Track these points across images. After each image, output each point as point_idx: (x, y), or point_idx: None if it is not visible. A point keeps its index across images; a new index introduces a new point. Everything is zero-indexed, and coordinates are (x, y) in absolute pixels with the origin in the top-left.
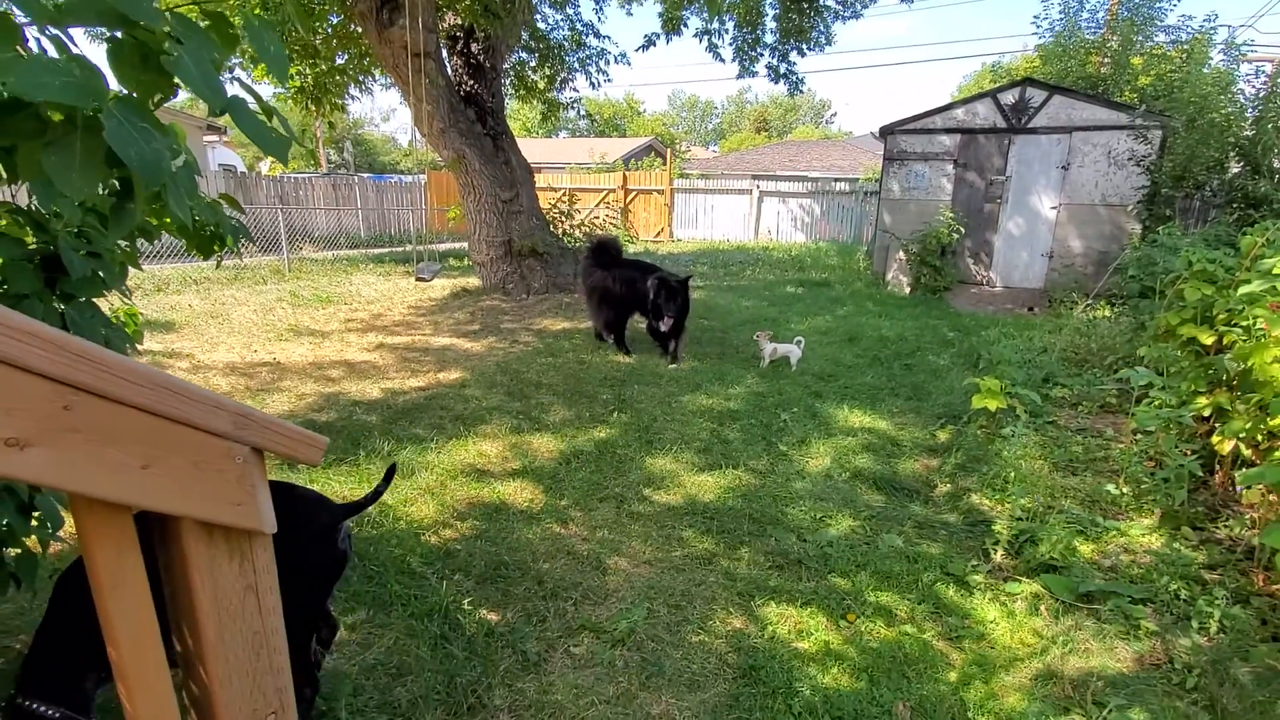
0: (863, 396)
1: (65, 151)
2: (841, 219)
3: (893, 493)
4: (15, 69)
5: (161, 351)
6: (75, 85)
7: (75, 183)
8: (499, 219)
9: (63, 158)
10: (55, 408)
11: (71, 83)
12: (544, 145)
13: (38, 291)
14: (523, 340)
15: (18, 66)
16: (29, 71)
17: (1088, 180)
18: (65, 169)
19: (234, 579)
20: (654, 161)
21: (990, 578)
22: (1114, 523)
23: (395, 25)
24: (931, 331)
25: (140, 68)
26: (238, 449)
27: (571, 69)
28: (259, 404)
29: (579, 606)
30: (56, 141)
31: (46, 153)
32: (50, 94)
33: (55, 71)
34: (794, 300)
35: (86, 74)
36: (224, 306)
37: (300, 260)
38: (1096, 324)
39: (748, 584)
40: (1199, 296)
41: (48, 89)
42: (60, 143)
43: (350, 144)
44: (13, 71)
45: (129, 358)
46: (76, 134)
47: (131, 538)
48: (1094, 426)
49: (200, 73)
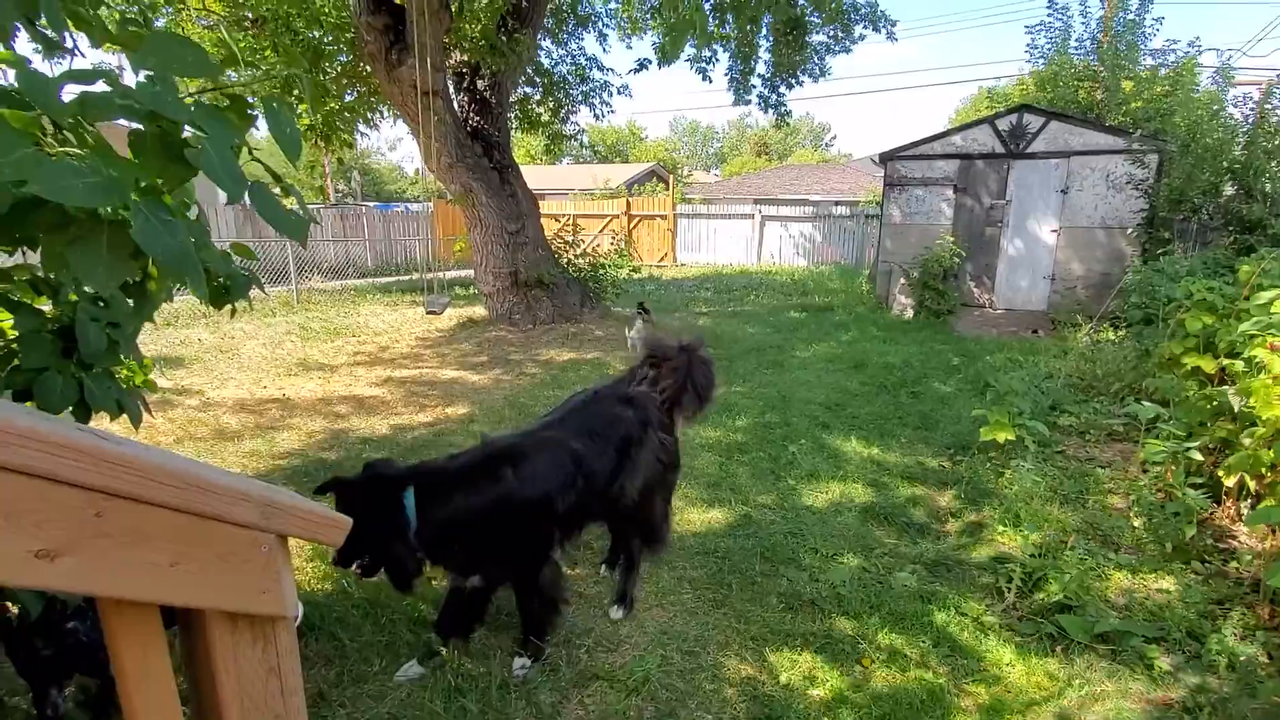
0: (870, 427)
1: (91, 248)
2: (843, 242)
3: (904, 528)
4: (38, 171)
5: (172, 389)
6: (101, 186)
7: (102, 277)
8: (505, 250)
9: (89, 253)
10: (87, 515)
11: (97, 184)
12: (548, 172)
13: (56, 364)
14: (529, 372)
15: (40, 169)
16: (53, 175)
17: (1087, 204)
18: (92, 264)
19: (257, 664)
20: (657, 187)
21: (1004, 617)
22: (1126, 557)
23: (404, 65)
24: (936, 357)
25: (163, 158)
26: (264, 538)
27: (575, 101)
28: (268, 443)
29: (592, 654)
30: (82, 239)
31: (72, 249)
32: (75, 198)
33: (78, 173)
34: (798, 326)
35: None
36: (233, 341)
37: (309, 291)
38: (1101, 349)
39: (761, 627)
40: (1200, 326)
41: (72, 192)
42: (86, 240)
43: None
44: (34, 174)
45: (159, 454)
46: (103, 231)
47: (158, 632)
48: (1102, 456)
49: (222, 163)
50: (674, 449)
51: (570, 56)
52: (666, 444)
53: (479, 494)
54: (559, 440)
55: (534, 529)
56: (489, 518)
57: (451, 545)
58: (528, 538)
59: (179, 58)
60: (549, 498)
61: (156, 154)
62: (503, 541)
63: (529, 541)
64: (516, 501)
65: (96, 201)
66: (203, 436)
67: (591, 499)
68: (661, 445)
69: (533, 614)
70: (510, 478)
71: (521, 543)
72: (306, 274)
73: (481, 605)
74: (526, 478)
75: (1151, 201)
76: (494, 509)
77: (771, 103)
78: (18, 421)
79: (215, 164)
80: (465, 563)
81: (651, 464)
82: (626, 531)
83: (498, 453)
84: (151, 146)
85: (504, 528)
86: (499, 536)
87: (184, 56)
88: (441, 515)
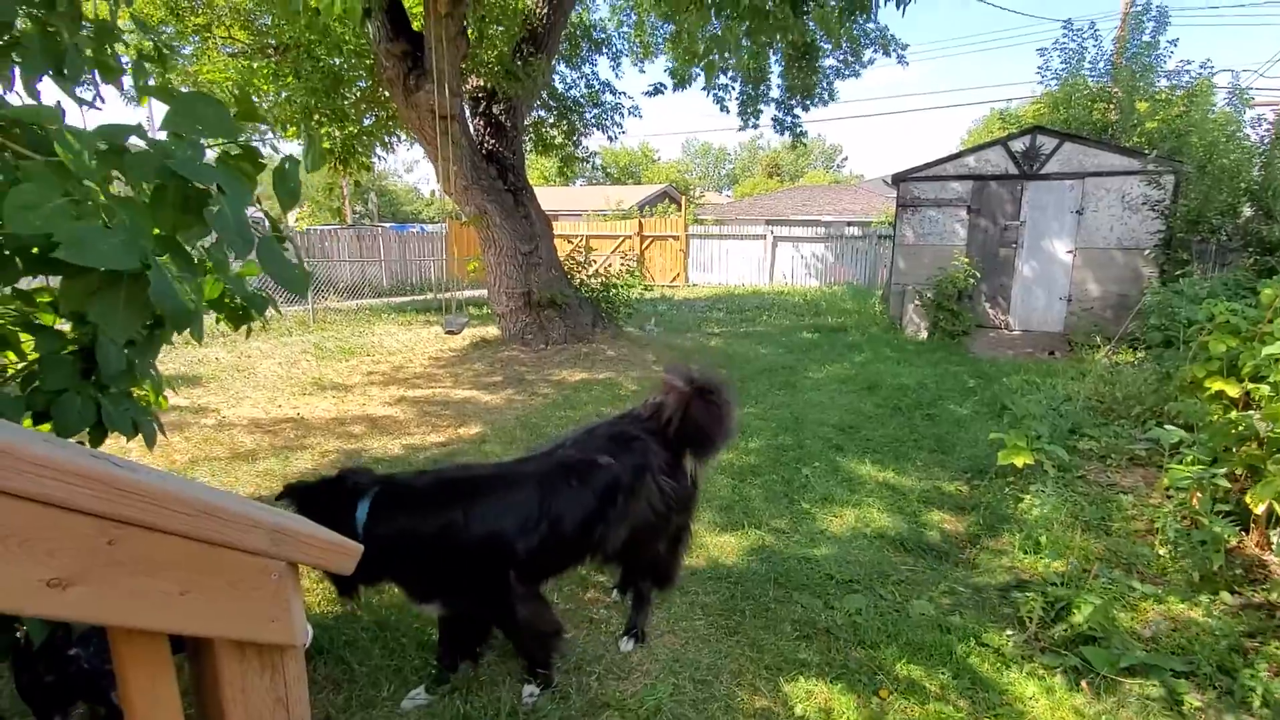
0: (885, 450)
1: (111, 300)
2: (855, 263)
3: (920, 554)
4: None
5: (188, 407)
6: (127, 247)
7: (120, 326)
8: (519, 271)
9: (109, 305)
10: (99, 544)
11: (124, 244)
12: (561, 193)
13: (75, 385)
14: (541, 392)
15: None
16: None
17: (1103, 224)
18: (111, 314)
19: (265, 693)
20: (669, 208)
21: (1026, 648)
22: (1151, 588)
23: (422, 90)
24: (952, 379)
25: (181, 212)
26: (274, 565)
27: (589, 124)
28: (283, 462)
29: (602, 681)
30: (103, 292)
31: (91, 300)
32: (104, 261)
33: (105, 236)
34: (811, 347)
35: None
36: (250, 360)
37: (325, 310)
38: (1121, 371)
39: (775, 656)
40: (1224, 349)
41: (101, 256)
42: (106, 294)
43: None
44: (63, 233)
45: (171, 481)
46: (122, 286)
47: (166, 661)
48: (1124, 482)
49: (236, 223)
50: (679, 493)
51: (585, 80)
52: (667, 489)
53: (425, 519)
54: (530, 478)
55: (483, 566)
56: (432, 546)
57: (394, 565)
58: (477, 574)
59: (203, 117)
60: (500, 538)
61: (176, 208)
62: (450, 572)
63: (480, 578)
64: (462, 536)
65: (121, 264)
66: (218, 456)
67: (561, 545)
68: (660, 492)
69: (521, 648)
70: (458, 511)
71: (472, 578)
72: (323, 294)
73: (476, 632)
74: (477, 513)
75: (1169, 223)
76: (437, 538)
77: (786, 124)
78: (33, 449)
79: (229, 224)
80: (417, 587)
81: (644, 513)
82: (633, 569)
83: (455, 481)
84: (172, 200)
85: (449, 559)
86: (445, 567)
87: (207, 116)
88: (383, 531)
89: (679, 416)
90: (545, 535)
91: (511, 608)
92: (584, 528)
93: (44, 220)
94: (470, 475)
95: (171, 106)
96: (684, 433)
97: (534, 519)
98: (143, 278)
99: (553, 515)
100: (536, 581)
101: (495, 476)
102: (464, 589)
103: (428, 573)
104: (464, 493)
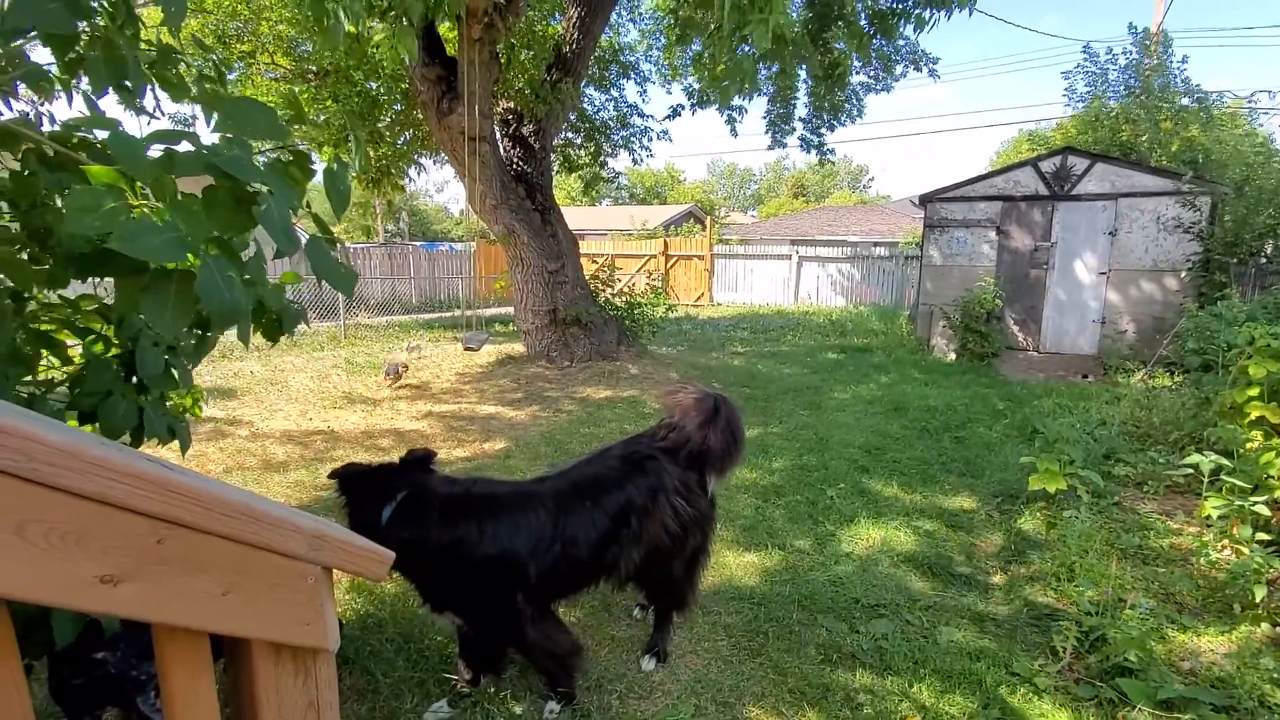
0: (912, 472)
1: (160, 296)
2: (881, 283)
3: (949, 580)
4: (120, 228)
5: (224, 419)
6: (178, 242)
7: (168, 322)
8: (545, 289)
9: (158, 300)
10: (149, 543)
11: (174, 240)
12: (587, 213)
13: (119, 388)
14: (565, 409)
15: (123, 226)
16: (134, 232)
17: (1137, 246)
18: (160, 310)
19: (298, 696)
20: (694, 227)
21: (1059, 679)
22: (1189, 619)
23: (454, 112)
24: (981, 401)
25: (232, 212)
26: (310, 569)
27: (616, 145)
28: (313, 475)
29: (624, 700)
30: (153, 287)
31: (144, 295)
32: (154, 255)
33: (157, 231)
34: (836, 367)
35: (187, 225)
36: (282, 373)
37: (356, 326)
38: (1158, 395)
39: (799, 680)
40: (1265, 374)
41: (152, 250)
42: (156, 288)
43: (406, 214)
44: (117, 229)
45: (216, 485)
46: (172, 282)
47: (206, 661)
48: (1162, 509)
49: (282, 221)
50: (696, 514)
51: (613, 102)
52: (682, 511)
53: (440, 530)
54: (545, 497)
55: (492, 584)
56: (441, 557)
57: (408, 570)
58: (486, 593)
59: (253, 121)
60: (513, 557)
61: (227, 207)
62: (461, 588)
63: (489, 596)
64: (473, 553)
65: (171, 258)
66: (251, 466)
67: (574, 566)
68: (675, 513)
69: (537, 667)
70: (472, 527)
71: (481, 597)
72: (354, 310)
73: (492, 646)
74: (489, 531)
75: (1206, 245)
76: (447, 551)
77: (814, 144)
78: (92, 450)
79: (275, 222)
80: (429, 593)
81: (659, 535)
82: (652, 590)
83: (473, 497)
84: (223, 200)
85: (457, 573)
86: (456, 582)
87: (257, 120)
88: (401, 535)
89: (689, 435)
90: (559, 556)
91: (521, 630)
92: (596, 548)
93: (101, 221)
94: (487, 493)
95: (222, 111)
96: (695, 451)
97: (548, 540)
98: (191, 276)
99: (565, 537)
100: (548, 602)
101: (513, 495)
102: (473, 606)
103: (439, 585)
104: (477, 510)
